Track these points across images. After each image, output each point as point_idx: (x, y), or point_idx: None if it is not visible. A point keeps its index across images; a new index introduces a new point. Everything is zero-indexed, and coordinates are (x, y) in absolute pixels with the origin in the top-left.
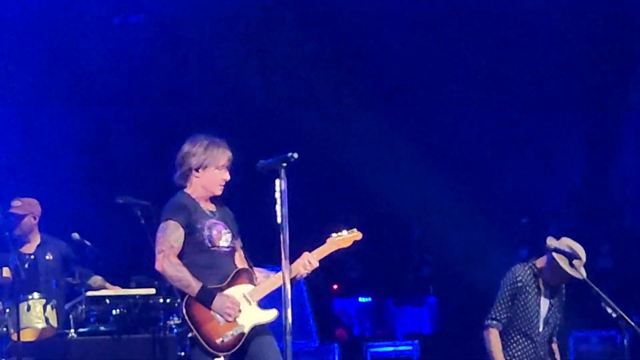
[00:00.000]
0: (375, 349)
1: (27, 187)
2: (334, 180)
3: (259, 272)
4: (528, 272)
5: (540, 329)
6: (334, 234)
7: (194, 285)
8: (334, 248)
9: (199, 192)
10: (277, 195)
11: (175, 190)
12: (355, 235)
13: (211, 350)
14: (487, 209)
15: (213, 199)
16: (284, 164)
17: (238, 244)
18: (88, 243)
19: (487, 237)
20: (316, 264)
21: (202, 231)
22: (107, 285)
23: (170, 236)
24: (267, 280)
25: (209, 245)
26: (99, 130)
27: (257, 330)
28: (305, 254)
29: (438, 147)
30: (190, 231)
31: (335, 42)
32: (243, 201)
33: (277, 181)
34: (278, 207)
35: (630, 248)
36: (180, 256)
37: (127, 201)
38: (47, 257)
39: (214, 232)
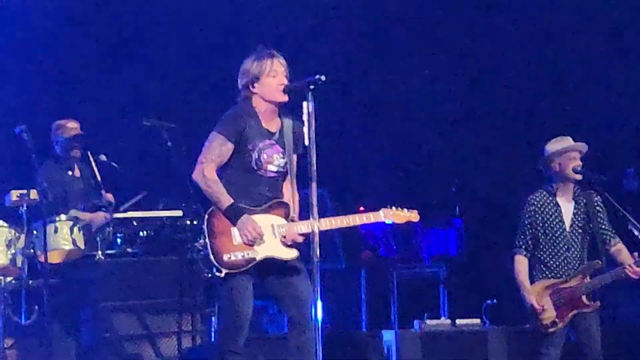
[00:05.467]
0: (401, 271)
1: (54, 108)
2: (359, 102)
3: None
4: (543, 193)
5: (571, 242)
6: (393, 208)
7: (223, 201)
8: (384, 220)
9: (261, 105)
10: (305, 117)
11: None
12: (413, 216)
13: (215, 263)
14: (516, 130)
15: (283, 115)
16: (312, 87)
17: (293, 163)
18: (115, 165)
19: (515, 158)
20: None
21: (251, 152)
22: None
23: (215, 150)
24: (302, 223)
25: (255, 167)
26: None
27: (292, 263)
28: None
29: (466, 63)
30: (239, 149)
31: None
32: None
33: (305, 103)
34: (305, 130)
35: None
36: (224, 168)
37: (153, 123)
38: (87, 179)
39: (264, 156)
